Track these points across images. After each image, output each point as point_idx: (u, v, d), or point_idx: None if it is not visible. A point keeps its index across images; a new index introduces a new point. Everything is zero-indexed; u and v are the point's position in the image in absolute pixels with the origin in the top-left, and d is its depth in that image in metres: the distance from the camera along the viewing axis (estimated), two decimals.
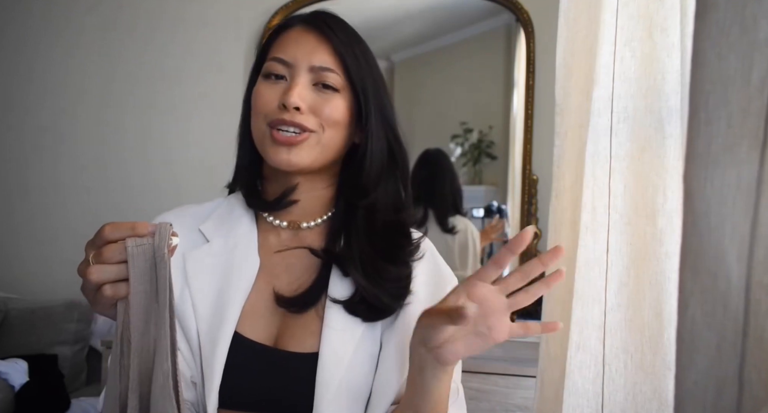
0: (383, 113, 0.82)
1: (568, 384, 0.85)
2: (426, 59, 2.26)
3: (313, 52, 0.79)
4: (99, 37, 2.42)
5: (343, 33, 0.81)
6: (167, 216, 0.85)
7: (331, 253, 0.81)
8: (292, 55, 0.79)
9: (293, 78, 0.79)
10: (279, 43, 0.82)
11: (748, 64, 0.42)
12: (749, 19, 0.42)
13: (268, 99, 0.79)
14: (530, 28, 2.04)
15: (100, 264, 0.61)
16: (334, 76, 0.79)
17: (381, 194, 0.83)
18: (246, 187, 0.87)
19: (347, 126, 0.81)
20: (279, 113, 0.77)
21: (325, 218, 0.86)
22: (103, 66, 2.41)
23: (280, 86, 0.79)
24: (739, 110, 0.43)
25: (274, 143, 0.78)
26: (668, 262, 0.81)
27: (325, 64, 0.79)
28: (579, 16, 0.92)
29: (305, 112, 0.78)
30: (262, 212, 0.86)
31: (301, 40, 0.80)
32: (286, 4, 2.17)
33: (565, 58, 0.94)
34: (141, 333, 0.62)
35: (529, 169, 2.05)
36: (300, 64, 0.79)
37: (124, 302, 0.62)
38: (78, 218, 2.40)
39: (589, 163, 0.86)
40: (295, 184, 0.83)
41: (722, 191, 0.42)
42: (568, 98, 0.94)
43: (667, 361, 0.81)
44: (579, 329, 0.85)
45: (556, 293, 0.94)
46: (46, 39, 2.47)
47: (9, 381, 1.88)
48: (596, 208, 0.85)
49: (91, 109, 2.39)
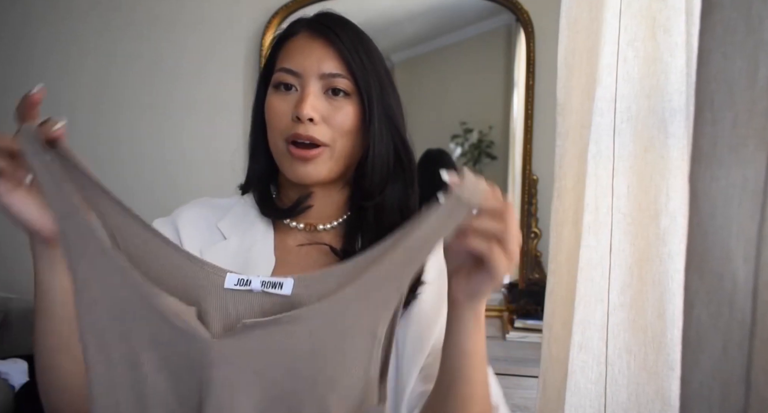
0: (388, 115, 0.82)
1: (570, 384, 0.85)
2: (426, 59, 2.26)
3: (321, 60, 0.79)
4: (97, 37, 2.41)
5: (348, 36, 0.81)
6: (187, 209, 0.86)
7: (350, 254, 0.81)
8: (300, 64, 0.79)
9: (304, 88, 0.79)
10: (286, 53, 0.82)
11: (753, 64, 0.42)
12: (755, 19, 0.42)
13: (281, 112, 0.79)
14: (530, 28, 2.04)
15: None
16: (344, 81, 0.79)
17: (389, 196, 0.83)
18: (260, 196, 0.87)
19: (358, 133, 0.81)
20: (294, 126, 0.78)
21: (341, 220, 0.86)
22: (101, 66, 2.40)
23: (291, 97, 0.79)
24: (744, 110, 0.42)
25: (292, 159, 0.79)
26: (671, 262, 0.81)
27: (335, 70, 0.79)
28: (580, 15, 0.92)
29: (318, 122, 0.78)
30: (276, 220, 0.86)
31: (308, 49, 0.80)
32: (286, 4, 2.16)
33: (566, 58, 0.94)
34: (58, 201, 0.60)
35: (529, 169, 2.05)
36: (309, 73, 0.79)
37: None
38: None
39: (592, 163, 0.86)
40: (310, 192, 0.83)
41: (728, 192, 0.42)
42: (570, 98, 0.94)
43: (670, 361, 0.80)
44: (581, 329, 0.85)
45: (558, 293, 0.94)
46: (44, 39, 2.47)
47: (9, 381, 1.88)
48: (599, 208, 0.85)
49: (88, 109, 2.38)
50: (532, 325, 1.75)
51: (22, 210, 0.62)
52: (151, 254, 0.62)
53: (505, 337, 1.77)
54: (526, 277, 1.99)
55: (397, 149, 0.83)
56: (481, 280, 0.62)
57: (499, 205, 0.59)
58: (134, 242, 0.62)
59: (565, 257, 0.93)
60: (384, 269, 0.58)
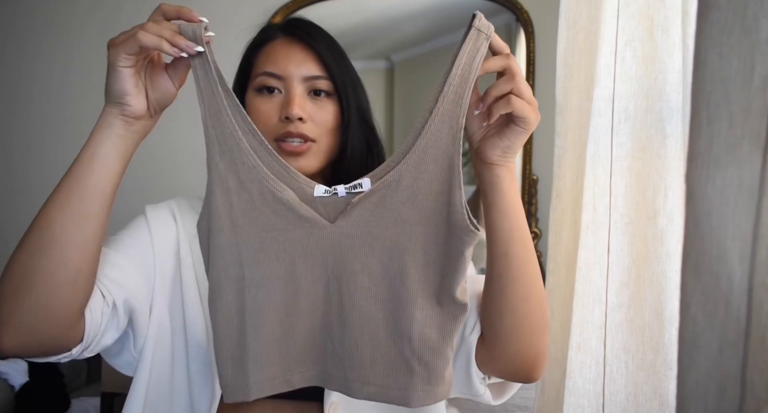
0: (361, 112, 0.88)
1: (569, 384, 0.85)
2: (426, 59, 2.26)
3: (303, 64, 0.84)
4: (100, 37, 2.42)
5: (324, 40, 0.87)
6: (186, 200, 0.92)
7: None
8: (283, 68, 0.84)
9: (289, 90, 0.84)
10: (265, 57, 0.86)
11: (749, 64, 0.42)
12: (751, 19, 0.42)
13: (267, 114, 0.84)
14: (530, 28, 2.04)
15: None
16: (325, 82, 0.85)
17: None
18: None
19: (338, 129, 0.87)
20: (283, 126, 0.83)
21: None
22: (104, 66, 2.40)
23: (276, 99, 0.84)
24: (740, 110, 0.43)
25: (285, 155, 0.82)
26: (669, 262, 0.81)
27: (316, 72, 0.84)
28: (579, 16, 0.92)
29: (307, 120, 0.83)
30: None
31: (289, 53, 0.85)
32: (285, 4, 2.16)
33: (565, 58, 0.94)
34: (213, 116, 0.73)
35: (529, 169, 2.05)
36: (293, 76, 0.84)
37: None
38: None
39: (590, 163, 0.86)
40: None
41: (724, 191, 0.42)
42: (569, 98, 0.94)
43: (667, 361, 0.81)
44: (580, 329, 0.85)
45: (557, 293, 0.94)
46: (46, 39, 2.47)
47: (9, 381, 1.88)
48: (597, 208, 0.85)
49: (90, 108, 2.38)
50: None
51: (130, 82, 0.73)
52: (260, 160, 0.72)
53: None
54: None
55: (369, 144, 0.90)
56: (515, 132, 0.69)
57: (503, 46, 0.69)
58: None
59: (563, 258, 0.93)
60: (441, 113, 0.68)
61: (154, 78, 0.75)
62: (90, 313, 0.73)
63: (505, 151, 0.71)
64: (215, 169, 0.72)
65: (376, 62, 2.17)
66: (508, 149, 0.71)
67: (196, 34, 0.70)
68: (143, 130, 0.75)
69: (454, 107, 0.68)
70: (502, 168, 0.72)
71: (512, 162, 0.73)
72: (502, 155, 0.71)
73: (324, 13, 2.10)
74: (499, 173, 0.72)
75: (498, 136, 0.71)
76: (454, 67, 0.68)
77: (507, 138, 0.70)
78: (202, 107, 0.73)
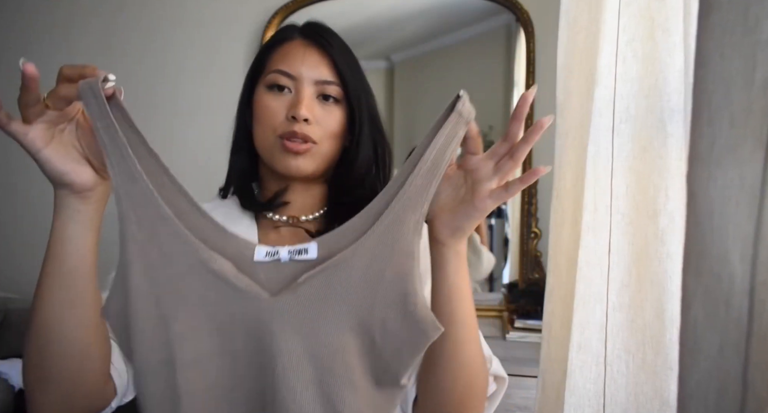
0: (372, 121, 0.89)
1: (569, 384, 0.85)
2: (426, 59, 2.26)
3: (316, 67, 0.85)
4: (100, 37, 2.42)
5: (339, 46, 0.87)
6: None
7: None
8: (297, 69, 0.85)
9: (299, 91, 0.84)
10: (281, 56, 0.87)
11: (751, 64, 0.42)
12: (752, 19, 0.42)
13: (275, 110, 0.85)
14: (530, 28, 2.04)
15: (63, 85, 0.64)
16: (336, 88, 0.85)
17: (366, 191, 0.89)
18: (241, 189, 0.92)
19: (342, 136, 0.88)
20: (289, 125, 0.83)
21: (322, 212, 0.92)
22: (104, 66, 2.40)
23: (285, 98, 0.85)
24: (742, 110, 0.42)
25: (285, 152, 0.84)
26: (670, 262, 0.81)
27: (328, 77, 0.85)
28: (579, 16, 0.92)
29: (312, 123, 0.84)
30: (255, 212, 0.91)
31: (304, 55, 0.86)
32: (286, 4, 2.16)
33: (566, 58, 0.94)
34: (117, 164, 0.65)
35: (528, 169, 2.05)
36: (305, 78, 0.84)
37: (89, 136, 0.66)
38: None
39: (591, 163, 0.86)
40: (287, 185, 0.89)
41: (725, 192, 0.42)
42: (569, 98, 0.94)
43: (668, 361, 0.80)
44: (580, 329, 0.85)
45: (558, 293, 0.94)
46: (47, 40, 2.47)
47: (9, 381, 1.88)
48: (598, 208, 0.85)
49: None
50: (531, 325, 1.75)
51: (62, 161, 0.65)
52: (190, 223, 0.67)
53: (505, 337, 1.76)
54: (526, 277, 1.99)
55: (377, 151, 0.91)
56: (466, 216, 0.68)
57: (477, 136, 0.70)
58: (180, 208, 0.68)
59: (564, 258, 0.93)
60: (406, 196, 0.65)
61: (89, 140, 0.68)
62: (115, 369, 0.74)
63: (455, 231, 0.69)
64: (132, 242, 0.65)
65: (376, 62, 2.17)
66: (458, 231, 0.68)
67: (93, 89, 0.63)
68: (103, 195, 0.69)
69: (421, 192, 0.66)
70: (450, 250, 0.69)
71: (462, 245, 0.70)
72: (451, 236, 0.69)
73: (324, 13, 2.10)
74: (445, 255, 0.70)
75: (451, 213, 0.69)
76: (429, 149, 0.66)
77: (458, 219, 0.68)
78: (112, 174, 0.65)
